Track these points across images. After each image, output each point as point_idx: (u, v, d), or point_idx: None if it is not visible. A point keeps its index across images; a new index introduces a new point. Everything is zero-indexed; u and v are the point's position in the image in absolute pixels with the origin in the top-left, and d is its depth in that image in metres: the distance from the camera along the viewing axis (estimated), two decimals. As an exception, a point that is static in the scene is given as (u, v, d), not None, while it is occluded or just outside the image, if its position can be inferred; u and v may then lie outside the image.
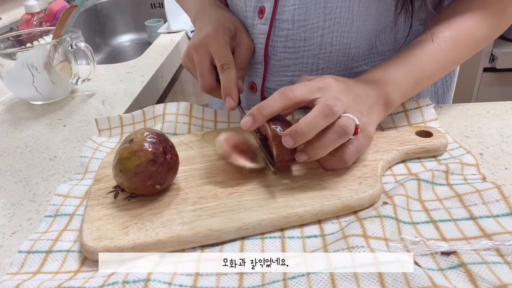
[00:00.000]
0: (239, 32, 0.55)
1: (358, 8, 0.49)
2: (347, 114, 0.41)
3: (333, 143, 0.40)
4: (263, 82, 0.59)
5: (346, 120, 0.40)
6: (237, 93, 0.50)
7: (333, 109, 0.39)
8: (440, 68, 0.50)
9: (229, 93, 0.49)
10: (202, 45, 0.51)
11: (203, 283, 0.33)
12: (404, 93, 0.49)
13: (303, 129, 0.39)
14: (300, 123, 0.39)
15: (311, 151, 0.41)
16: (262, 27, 0.54)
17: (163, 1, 1.28)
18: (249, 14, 0.55)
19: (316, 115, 0.39)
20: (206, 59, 0.52)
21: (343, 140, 0.40)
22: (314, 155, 0.41)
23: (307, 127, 0.39)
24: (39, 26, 1.10)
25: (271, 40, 0.55)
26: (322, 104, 0.40)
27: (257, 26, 0.55)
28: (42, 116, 0.68)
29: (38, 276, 0.35)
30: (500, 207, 0.37)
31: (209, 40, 0.51)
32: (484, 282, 0.31)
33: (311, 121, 0.39)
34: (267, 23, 0.53)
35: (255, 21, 0.55)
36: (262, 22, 0.54)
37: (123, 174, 0.40)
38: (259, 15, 0.54)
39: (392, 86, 0.47)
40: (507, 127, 0.52)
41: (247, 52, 0.55)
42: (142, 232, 0.37)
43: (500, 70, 1.72)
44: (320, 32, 0.52)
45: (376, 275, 0.31)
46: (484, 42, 0.52)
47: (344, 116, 0.40)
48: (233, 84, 0.49)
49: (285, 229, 0.38)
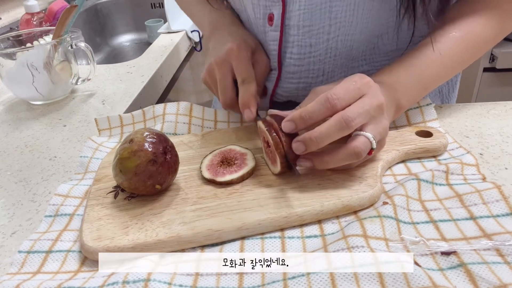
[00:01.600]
0: (258, 50, 0.56)
1: (362, 11, 0.49)
2: (367, 134, 0.39)
3: (343, 162, 0.40)
4: (275, 88, 0.59)
5: (362, 143, 0.39)
6: (256, 106, 0.50)
7: (350, 124, 0.38)
8: (448, 70, 0.50)
9: (248, 105, 0.50)
10: (225, 60, 0.51)
11: (203, 283, 0.33)
12: (413, 98, 0.49)
13: (317, 138, 0.38)
14: (315, 131, 0.39)
15: (319, 163, 0.41)
16: (274, 34, 0.54)
17: (163, 1, 1.28)
18: (260, 21, 0.55)
19: (332, 125, 0.38)
20: (229, 75, 0.52)
21: (352, 161, 0.40)
22: (320, 166, 0.41)
23: (321, 136, 0.38)
24: (39, 26, 1.09)
25: (283, 46, 0.55)
26: (340, 116, 0.38)
27: (268, 33, 0.55)
28: (42, 116, 0.68)
29: (38, 276, 0.35)
30: (500, 207, 0.37)
31: (232, 55, 0.51)
32: (484, 282, 0.31)
33: (326, 131, 0.38)
34: (278, 30, 0.53)
35: (266, 28, 0.55)
36: (272, 29, 0.54)
37: (123, 174, 0.40)
38: (269, 22, 0.54)
39: (402, 91, 0.47)
40: (507, 127, 0.52)
41: (265, 70, 0.56)
42: (142, 232, 0.37)
43: (500, 70, 1.72)
44: (326, 37, 0.52)
45: (376, 275, 0.31)
46: (492, 42, 0.52)
47: (363, 135, 0.39)
48: (253, 97, 0.50)
49: (285, 229, 0.38)
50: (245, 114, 0.50)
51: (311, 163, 0.41)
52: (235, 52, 0.51)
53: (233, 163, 0.45)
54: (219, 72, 0.52)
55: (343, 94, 0.39)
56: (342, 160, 0.40)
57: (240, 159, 0.45)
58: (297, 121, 0.40)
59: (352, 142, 0.39)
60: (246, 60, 0.52)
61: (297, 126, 0.40)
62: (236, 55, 0.51)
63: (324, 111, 0.39)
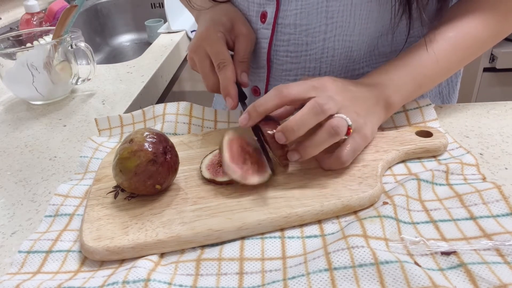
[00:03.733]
0: (236, 24, 0.54)
1: (360, 11, 0.49)
2: (339, 115, 0.41)
3: (324, 142, 0.40)
4: (266, 86, 0.59)
5: (338, 120, 0.40)
6: (235, 92, 0.49)
7: (323, 107, 0.40)
8: (443, 70, 0.50)
9: (228, 92, 0.49)
10: (198, 46, 0.51)
11: (203, 283, 0.33)
12: (406, 96, 0.49)
13: (293, 126, 0.39)
14: (290, 120, 0.40)
15: (303, 150, 0.41)
16: (265, 32, 0.54)
17: (163, 1, 1.28)
18: (252, 18, 0.55)
19: (306, 112, 0.40)
20: (205, 59, 0.51)
21: (334, 140, 0.40)
22: (306, 154, 0.41)
23: (297, 124, 0.39)
24: (39, 26, 1.09)
25: (273, 45, 0.55)
26: (313, 102, 0.40)
27: (260, 31, 0.55)
28: (42, 116, 0.68)
29: (38, 276, 0.35)
30: (500, 207, 0.37)
31: (203, 40, 0.51)
32: (484, 282, 0.31)
33: (300, 118, 0.39)
34: (270, 28, 0.53)
35: (257, 26, 0.55)
36: (264, 26, 0.54)
37: (123, 174, 0.40)
38: (262, 20, 0.54)
39: (393, 88, 0.47)
40: (507, 127, 0.52)
41: (247, 43, 0.54)
42: (142, 232, 0.37)
43: (500, 70, 1.72)
44: (322, 36, 0.52)
45: (376, 275, 0.31)
46: (489, 43, 0.52)
47: (337, 116, 0.41)
48: (231, 83, 0.49)
49: (285, 229, 0.38)
50: (227, 103, 0.50)
51: (298, 154, 0.41)
52: (205, 36, 0.51)
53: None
54: (196, 59, 0.52)
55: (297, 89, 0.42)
56: (322, 141, 0.40)
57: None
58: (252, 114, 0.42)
59: (328, 122, 0.40)
60: (218, 42, 0.51)
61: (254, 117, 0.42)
62: (206, 39, 0.51)
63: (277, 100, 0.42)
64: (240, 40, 0.54)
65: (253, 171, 0.42)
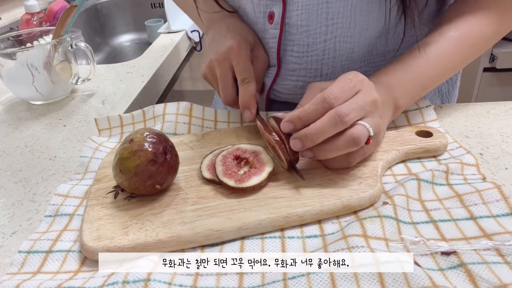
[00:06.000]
0: (257, 46, 0.56)
1: (360, 12, 0.49)
2: (363, 123, 0.40)
3: (342, 150, 0.40)
4: (272, 84, 0.59)
5: (359, 130, 0.39)
6: (255, 106, 0.51)
7: (344, 119, 0.38)
8: (448, 70, 0.50)
9: (248, 106, 0.50)
10: (226, 58, 0.52)
11: (203, 283, 0.33)
12: (412, 98, 0.49)
13: (312, 135, 0.39)
14: (310, 127, 0.39)
15: (319, 152, 0.41)
16: (273, 32, 0.54)
17: (163, 1, 1.28)
18: (260, 19, 0.55)
19: (326, 122, 0.39)
20: (229, 73, 0.52)
21: (352, 149, 0.40)
22: (321, 156, 0.41)
23: (317, 133, 0.39)
24: (39, 26, 1.09)
25: (282, 44, 0.55)
26: (333, 112, 0.39)
27: (268, 31, 0.55)
28: (42, 116, 0.68)
29: (38, 276, 0.35)
30: (500, 207, 0.37)
31: (233, 53, 0.51)
32: (484, 282, 0.31)
33: (321, 127, 0.39)
34: (278, 28, 0.53)
35: (266, 26, 0.55)
36: (272, 27, 0.54)
37: (123, 174, 0.40)
38: (269, 20, 0.54)
39: (401, 91, 0.47)
40: (507, 127, 0.52)
41: (264, 66, 0.57)
42: (142, 232, 0.37)
43: (500, 70, 1.72)
44: (323, 38, 0.52)
45: (376, 275, 0.31)
46: (492, 40, 0.52)
47: (360, 124, 0.40)
48: (252, 98, 0.50)
49: (285, 229, 0.38)
50: (245, 115, 0.51)
51: (312, 153, 0.41)
52: (235, 50, 0.51)
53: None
54: (220, 69, 0.52)
55: (340, 93, 0.40)
56: (341, 148, 0.40)
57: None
58: (295, 122, 0.41)
59: (350, 129, 0.40)
60: (246, 59, 0.52)
61: (296, 127, 0.41)
62: (236, 54, 0.51)
63: (321, 111, 0.40)
64: (258, 62, 0.56)
65: (249, 174, 0.42)
